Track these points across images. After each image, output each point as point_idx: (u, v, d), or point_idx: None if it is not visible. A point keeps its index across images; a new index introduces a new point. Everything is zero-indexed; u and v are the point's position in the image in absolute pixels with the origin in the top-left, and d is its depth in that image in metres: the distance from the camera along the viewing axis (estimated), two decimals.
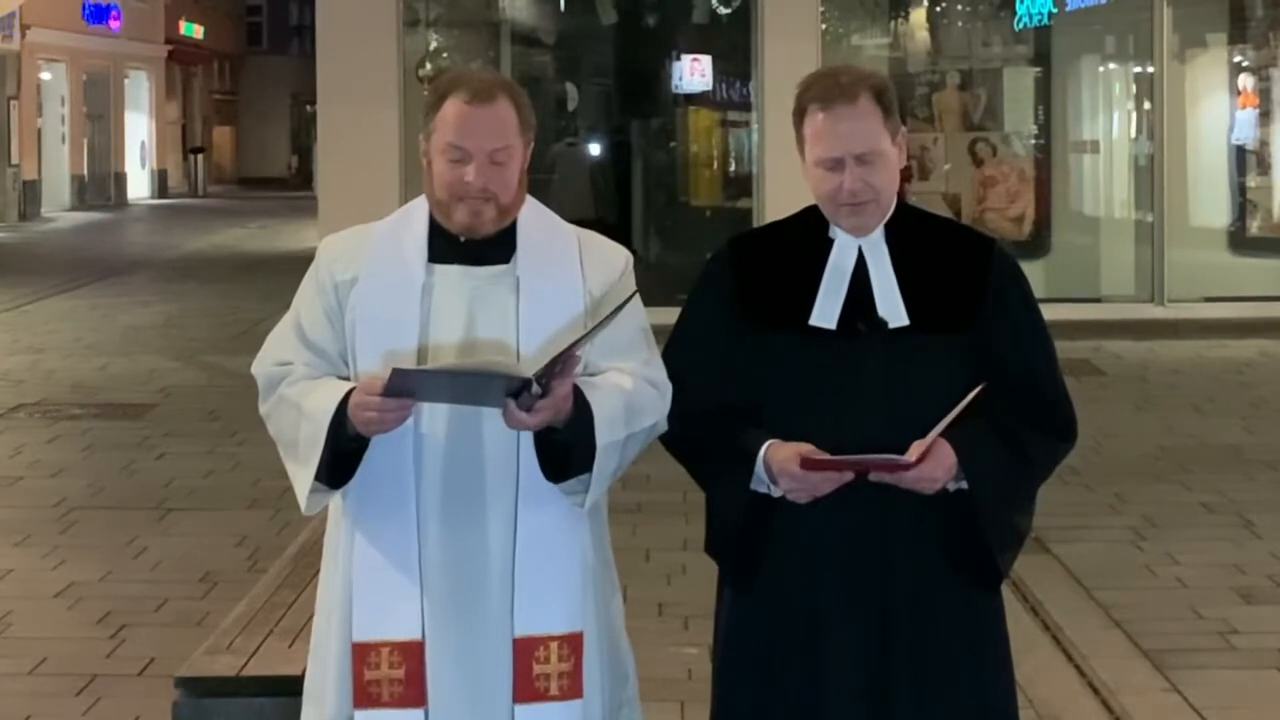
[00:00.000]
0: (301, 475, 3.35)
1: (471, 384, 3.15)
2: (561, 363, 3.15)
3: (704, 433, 3.49)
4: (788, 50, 15.38)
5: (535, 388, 3.14)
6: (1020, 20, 17.23)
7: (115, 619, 7.00)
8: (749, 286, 3.55)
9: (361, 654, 3.34)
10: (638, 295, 3.38)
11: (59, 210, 34.11)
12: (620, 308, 3.24)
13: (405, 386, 3.14)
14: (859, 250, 3.52)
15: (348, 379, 3.38)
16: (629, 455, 3.37)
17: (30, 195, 32.75)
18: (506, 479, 3.34)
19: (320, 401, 3.30)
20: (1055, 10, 16.90)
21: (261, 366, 3.48)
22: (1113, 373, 13.42)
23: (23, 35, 32.68)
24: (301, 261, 4.08)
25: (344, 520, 3.44)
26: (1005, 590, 3.64)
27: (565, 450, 3.28)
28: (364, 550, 3.37)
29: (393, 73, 15.86)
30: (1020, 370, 3.51)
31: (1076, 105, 17.86)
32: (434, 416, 3.34)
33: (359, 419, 3.23)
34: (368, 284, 3.41)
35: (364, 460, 3.34)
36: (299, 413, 3.34)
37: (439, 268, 3.41)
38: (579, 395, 3.25)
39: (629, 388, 3.35)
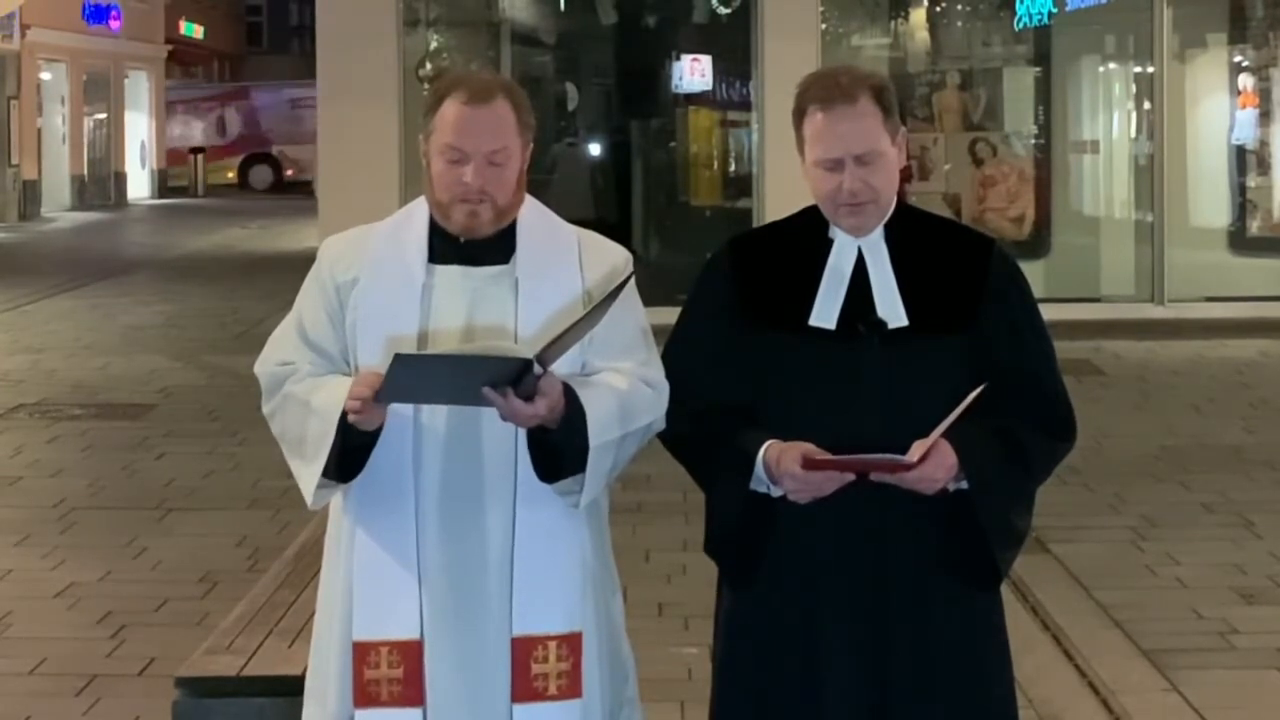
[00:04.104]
0: (308, 471, 3.35)
1: (471, 370, 3.15)
2: (560, 345, 3.16)
3: (703, 433, 3.49)
4: (788, 50, 15.39)
5: (537, 368, 3.14)
6: (1020, 20, 17.23)
7: (115, 619, 7.00)
8: (748, 287, 3.55)
9: (361, 653, 3.35)
10: (635, 289, 3.39)
11: (59, 210, 34.09)
12: (617, 290, 3.24)
13: (405, 377, 3.14)
14: (858, 250, 3.52)
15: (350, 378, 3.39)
16: (624, 455, 3.38)
17: (30, 195, 32.73)
18: (505, 478, 3.35)
19: (328, 398, 3.32)
20: (1055, 10, 16.90)
21: (264, 367, 3.50)
22: (1113, 373, 13.42)
23: (23, 35, 32.66)
24: (301, 261, 4.09)
25: (344, 519, 3.44)
26: (1005, 590, 3.64)
27: (558, 451, 3.28)
28: (363, 549, 3.38)
29: (393, 73, 15.87)
30: (1020, 370, 3.51)
31: (1076, 105, 17.86)
32: (434, 414, 3.35)
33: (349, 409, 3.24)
34: (368, 285, 3.42)
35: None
36: (307, 409, 3.35)
37: (439, 268, 3.41)
38: (572, 395, 3.25)
39: (624, 388, 3.35)
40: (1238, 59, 17.73)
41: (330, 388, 3.34)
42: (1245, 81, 17.59)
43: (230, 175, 42.36)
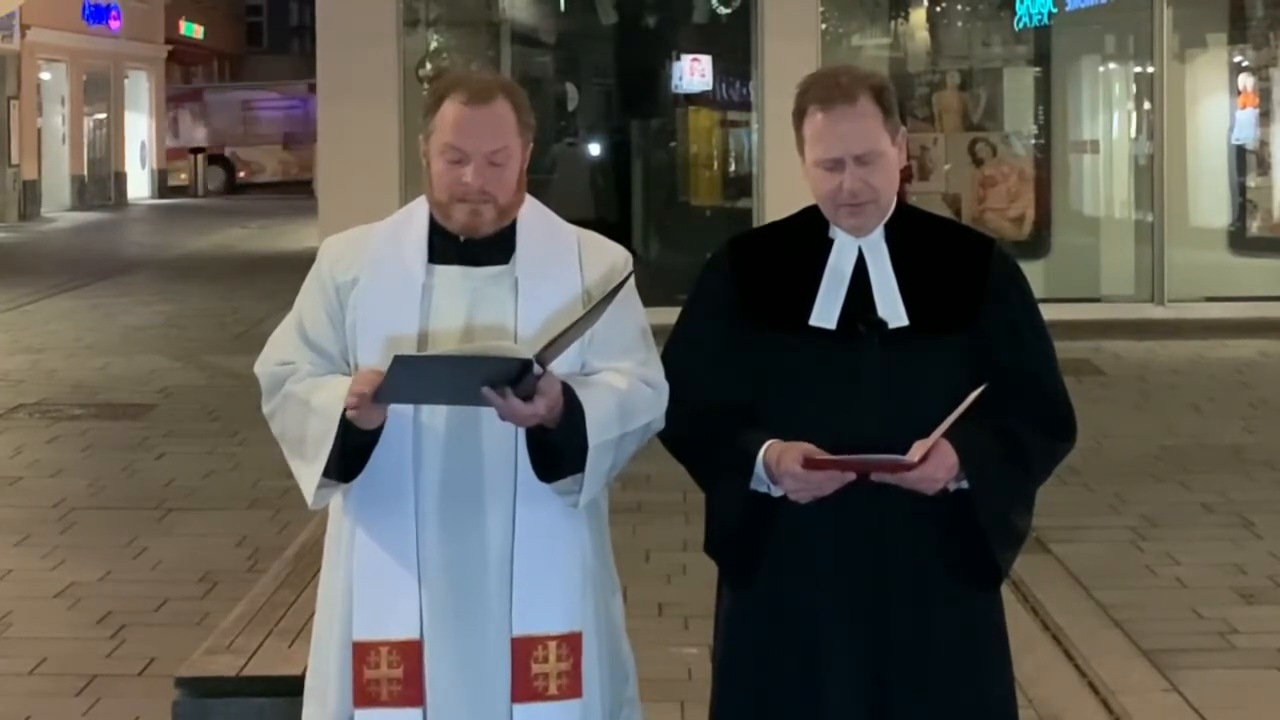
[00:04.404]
0: (308, 471, 3.35)
1: (471, 370, 3.15)
2: (559, 344, 3.16)
3: (703, 433, 3.49)
4: (788, 50, 15.39)
5: (537, 368, 3.14)
6: (1020, 20, 17.24)
7: (115, 619, 7.00)
8: (749, 287, 3.55)
9: (361, 653, 3.35)
10: (635, 289, 3.40)
11: (59, 210, 34.10)
12: (616, 289, 3.25)
13: (404, 378, 3.14)
14: (859, 250, 3.52)
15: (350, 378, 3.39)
16: (623, 455, 3.38)
17: (30, 195, 32.74)
18: (505, 478, 3.35)
19: (328, 397, 3.32)
20: (1055, 10, 16.90)
21: (264, 367, 3.50)
22: (1113, 373, 13.42)
23: (23, 35, 32.67)
24: (301, 261, 4.09)
25: (344, 519, 3.44)
26: (1005, 590, 3.64)
27: (557, 450, 3.28)
28: (363, 549, 3.38)
29: (393, 73, 15.87)
30: (1020, 370, 3.51)
31: (1076, 105, 17.87)
32: (434, 414, 3.35)
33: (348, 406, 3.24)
34: (368, 285, 3.42)
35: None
36: (307, 409, 3.35)
37: (439, 268, 3.41)
38: (571, 395, 3.25)
39: (623, 387, 3.35)
40: (1238, 59, 17.74)
41: (330, 387, 3.34)
42: (1245, 81, 17.59)
43: (183, 177, 42.42)
